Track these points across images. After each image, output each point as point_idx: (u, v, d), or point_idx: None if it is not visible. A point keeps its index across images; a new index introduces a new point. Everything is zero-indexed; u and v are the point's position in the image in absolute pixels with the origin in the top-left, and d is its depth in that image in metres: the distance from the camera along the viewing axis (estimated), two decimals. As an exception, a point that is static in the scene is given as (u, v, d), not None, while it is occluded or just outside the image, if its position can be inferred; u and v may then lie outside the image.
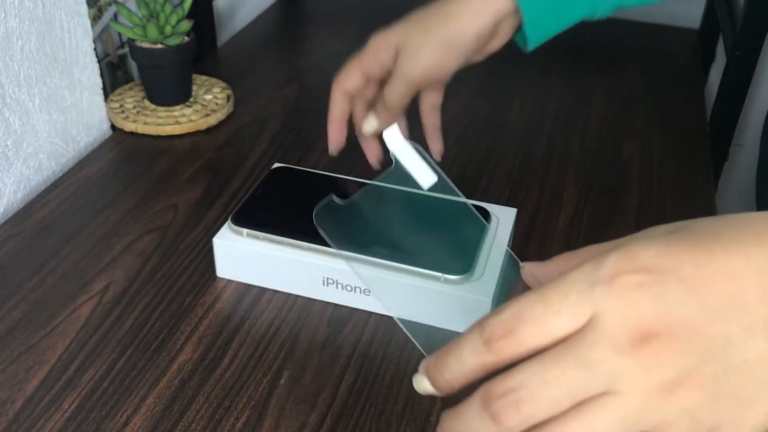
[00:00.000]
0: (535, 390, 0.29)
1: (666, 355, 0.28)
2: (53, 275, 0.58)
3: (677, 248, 0.29)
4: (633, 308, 0.28)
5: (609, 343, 0.28)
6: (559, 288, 0.30)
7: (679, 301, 0.28)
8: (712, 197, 0.71)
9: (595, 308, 0.29)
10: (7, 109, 0.65)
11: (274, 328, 0.54)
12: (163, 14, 0.74)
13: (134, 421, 0.47)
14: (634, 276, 0.29)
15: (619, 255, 0.29)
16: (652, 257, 0.29)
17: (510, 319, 0.30)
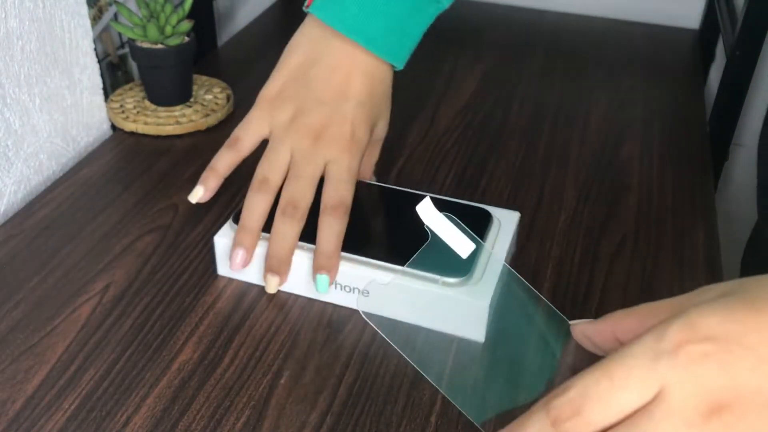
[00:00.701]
0: None
1: (740, 426, 0.27)
2: (53, 275, 0.58)
3: (739, 314, 0.28)
4: (701, 380, 0.28)
5: (679, 418, 0.28)
6: (624, 362, 0.29)
7: (748, 369, 0.27)
8: (712, 197, 0.71)
9: (662, 381, 0.28)
10: (8, 109, 0.65)
11: (274, 328, 0.54)
12: (163, 14, 0.74)
13: (134, 420, 0.47)
14: (699, 346, 0.28)
15: (681, 325, 0.29)
16: (714, 325, 0.28)
17: (577, 397, 0.29)
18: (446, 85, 0.89)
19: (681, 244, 0.64)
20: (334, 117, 0.57)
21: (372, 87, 0.59)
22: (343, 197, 0.55)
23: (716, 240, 0.65)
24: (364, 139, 0.57)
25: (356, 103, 0.57)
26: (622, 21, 1.07)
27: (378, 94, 0.59)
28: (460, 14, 1.08)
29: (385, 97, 0.61)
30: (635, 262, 0.62)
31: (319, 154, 0.56)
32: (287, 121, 0.57)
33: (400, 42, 0.59)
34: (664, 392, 0.28)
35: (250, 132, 0.58)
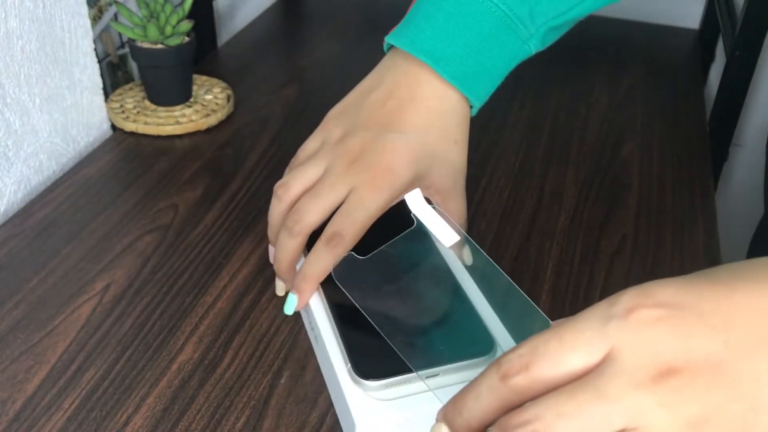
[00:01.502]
0: (551, 422, 0.28)
1: (688, 391, 0.27)
2: (53, 275, 0.58)
3: (696, 285, 0.29)
4: (651, 343, 0.28)
5: (627, 377, 0.28)
6: (574, 325, 0.29)
7: (700, 335, 0.28)
8: (712, 197, 0.71)
9: (612, 343, 0.28)
10: (8, 109, 0.65)
11: (274, 328, 0.54)
12: (163, 14, 0.74)
13: (134, 420, 0.47)
14: (652, 310, 0.28)
15: (636, 291, 0.29)
16: (669, 294, 0.29)
17: (526, 353, 0.30)
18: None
19: (681, 244, 0.64)
20: (374, 145, 0.51)
21: (430, 120, 0.52)
22: (343, 230, 0.49)
23: (716, 240, 0.65)
24: (403, 175, 0.50)
25: (403, 135, 0.51)
26: (622, 21, 1.07)
27: (438, 129, 0.52)
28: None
29: (448, 137, 0.53)
30: (635, 262, 0.62)
31: (346, 180, 0.51)
32: (334, 140, 0.54)
33: (474, 72, 0.52)
34: (614, 353, 0.28)
35: (305, 149, 0.56)
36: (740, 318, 0.28)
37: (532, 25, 0.53)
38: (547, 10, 0.53)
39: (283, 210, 0.52)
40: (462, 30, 0.52)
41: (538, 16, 0.53)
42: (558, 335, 0.29)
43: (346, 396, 0.45)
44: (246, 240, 0.62)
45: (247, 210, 0.66)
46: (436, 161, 0.52)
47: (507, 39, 0.53)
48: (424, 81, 0.52)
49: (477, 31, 0.52)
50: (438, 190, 0.53)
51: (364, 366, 0.45)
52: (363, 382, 0.45)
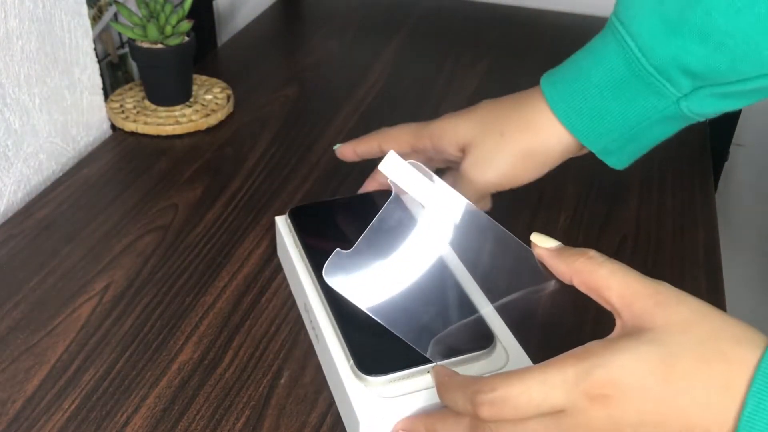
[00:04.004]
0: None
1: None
2: (53, 275, 0.58)
3: (650, 381, 0.33)
4: (592, 421, 0.34)
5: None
6: (546, 390, 0.35)
7: (631, 426, 0.33)
8: (712, 197, 0.71)
9: (565, 408, 0.34)
10: (8, 109, 0.65)
11: (274, 328, 0.54)
12: (163, 14, 0.74)
13: (134, 420, 0.47)
14: (604, 396, 0.34)
15: (600, 378, 0.34)
16: (624, 384, 0.33)
17: (497, 402, 0.36)
18: (446, 85, 0.89)
19: (681, 244, 0.64)
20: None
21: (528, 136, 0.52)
22: None
23: (716, 240, 0.65)
24: (423, 132, 0.55)
25: (461, 112, 0.55)
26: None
27: (525, 149, 0.52)
28: (460, 14, 1.08)
29: (513, 145, 0.52)
30: (635, 262, 0.61)
31: None
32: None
33: (587, 111, 0.51)
34: (564, 414, 0.35)
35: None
36: (670, 422, 0.33)
37: (683, 82, 0.46)
38: (715, 71, 0.45)
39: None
40: (589, 64, 0.50)
41: (697, 73, 0.45)
42: (528, 393, 0.35)
43: (349, 393, 0.44)
44: (246, 240, 0.62)
45: (247, 210, 0.66)
46: (481, 151, 0.53)
47: (637, 90, 0.48)
48: (546, 120, 0.53)
49: (600, 70, 0.49)
50: (469, 183, 0.54)
51: (366, 362, 0.45)
52: (366, 378, 0.45)
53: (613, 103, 0.49)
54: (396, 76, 0.90)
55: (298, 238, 0.55)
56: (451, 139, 0.53)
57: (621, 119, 0.49)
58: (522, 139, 0.51)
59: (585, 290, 0.39)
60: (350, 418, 0.45)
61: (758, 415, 0.31)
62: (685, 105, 0.47)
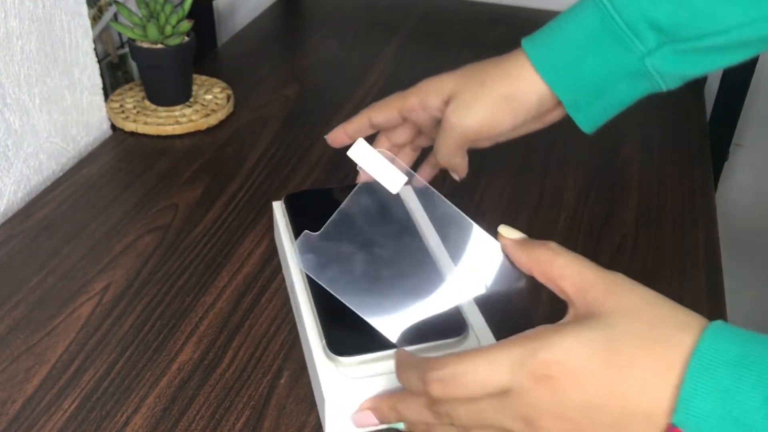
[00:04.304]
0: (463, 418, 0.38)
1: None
2: (53, 275, 0.58)
3: (594, 365, 0.34)
4: (536, 399, 0.35)
5: (509, 412, 0.36)
6: (493, 369, 0.36)
7: (574, 407, 0.34)
8: (712, 197, 0.71)
9: (510, 387, 0.36)
10: (8, 109, 0.65)
11: (274, 328, 0.54)
12: (163, 14, 0.74)
13: (134, 420, 0.47)
14: (549, 376, 0.35)
15: (545, 358, 0.35)
16: (569, 365, 0.34)
17: (448, 377, 0.37)
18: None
19: (681, 244, 0.64)
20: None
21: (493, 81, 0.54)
22: None
23: (716, 240, 0.65)
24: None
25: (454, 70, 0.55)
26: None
27: (490, 82, 0.54)
28: (460, 14, 1.08)
29: (492, 92, 0.54)
30: (635, 262, 0.62)
31: None
32: None
33: (564, 65, 0.53)
34: (508, 393, 0.36)
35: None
36: (612, 403, 0.34)
37: (649, 37, 0.50)
38: (677, 24, 0.49)
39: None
40: (567, 22, 0.52)
41: (663, 27, 0.49)
42: (475, 371, 0.36)
43: (319, 371, 0.46)
44: (246, 240, 0.62)
45: (247, 210, 0.66)
46: (463, 99, 0.54)
47: (608, 45, 0.51)
48: (527, 71, 0.54)
49: (576, 26, 0.52)
50: (447, 125, 0.54)
51: (337, 343, 0.46)
52: (336, 358, 0.46)
53: (586, 57, 0.52)
54: (396, 76, 0.90)
55: (291, 223, 0.57)
56: (437, 91, 0.55)
57: (591, 73, 0.52)
58: (501, 86, 0.54)
59: (543, 280, 0.41)
60: (319, 395, 0.46)
61: (695, 395, 0.32)
62: (649, 62, 0.51)
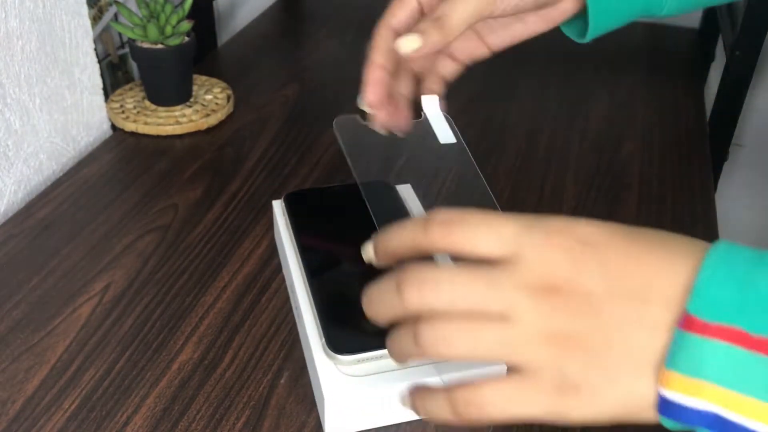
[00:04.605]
0: (441, 283, 0.33)
1: (560, 309, 0.32)
2: (53, 275, 0.58)
3: (616, 237, 0.33)
4: (551, 263, 0.32)
5: (520, 279, 0.32)
6: (503, 219, 0.33)
7: (593, 273, 0.32)
8: (712, 197, 0.71)
9: (521, 249, 0.33)
10: (8, 109, 0.65)
11: (274, 328, 0.54)
12: (163, 14, 0.74)
13: (134, 420, 0.47)
14: (566, 240, 0.32)
15: (565, 223, 0.33)
16: (589, 233, 0.33)
17: (455, 215, 0.34)
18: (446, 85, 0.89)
19: (681, 244, 0.64)
20: None
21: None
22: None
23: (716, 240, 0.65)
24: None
25: None
26: (622, 21, 1.07)
27: None
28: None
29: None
30: (635, 262, 0.62)
31: None
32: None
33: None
34: (518, 257, 0.32)
35: None
36: (633, 273, 0.32)
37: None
38: None
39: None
40: None
41: None
42: (486, 217, 0.34)
43: (318, 370, 0.46)
44: (246, 240, 0.62)
45: (247, 210, 0.66)
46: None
47: None
48: None
49: None
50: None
51: (337, 341, 0.46)
52: (335, 357, 0.46)
53: None
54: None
55: (290, 222, 0.57)
56: None
57: None
58: None
59: None
60: (318, 394, 0.46)
61: (712, 282, 0.30)
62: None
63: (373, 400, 0.45)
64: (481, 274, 0.33)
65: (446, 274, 0.33)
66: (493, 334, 0.32)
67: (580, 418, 0.32)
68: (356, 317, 0.46)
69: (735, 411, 0.29)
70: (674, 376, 0.30)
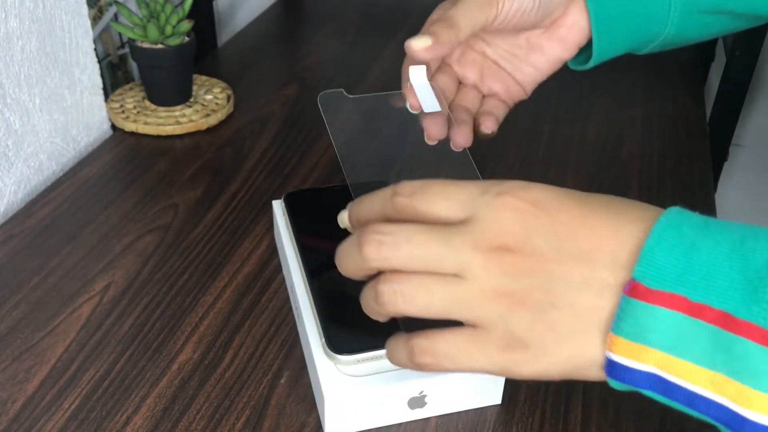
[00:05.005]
0: (399, 241, 0.35)
1: (509, 268, 0.33)
2: (53, 275, 0.58)
3: (568, 199, 0.34)
4: (503, 223, 0.34)
5: (473, 239, 0.34)
6: (459, 185, 0.36)
7: (542, 235, 0.33)
8: (712, 197, 0.71)
9: (476, 211, 0.34)
10: (8, 109, 0.65)
11: (274, 328, 0.54)
12: (163, 14, 0.74)
13: (134, 420, 0.47)
14: (519, 202, 0.34)
15: (519, 184, 0.35)
16: (542, 196, 0.34)
17: (417, 187, 0.36)
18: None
19: (681, 244, 0.64)
20: None
21: None
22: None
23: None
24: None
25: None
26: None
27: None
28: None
29: None
30: (635, 262, 0.62)
31: None
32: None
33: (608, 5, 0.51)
34: (473, 219, 0.34)
35: None
36: (580, 234, 0.33)
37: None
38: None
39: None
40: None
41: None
42: (444, 186, 0.36)
43: (318, 370, 0.46)
44: (246, 240, 0.62)
45: (247, 210, 0.66)
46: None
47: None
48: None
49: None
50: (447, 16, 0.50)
51: (337, 341, 0.46)
52: (335, 357, 0.46)
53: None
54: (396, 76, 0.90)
55: (290, 222, 0.57)
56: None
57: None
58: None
59: None
60: (318, 394, 0.46)
61: (658, 248, 0.31)
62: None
63: (373, 400, 0.45)
64: (436, 235, 0.34)
65: (404, 233, 0.35)
66: (447, 291, 0.34)
67: (528, 373, 0.34)
68: (356, 317, 0.46)
69: (675, 375, 0.31)
70: (619, 341, 0.31)
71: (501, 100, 0.55)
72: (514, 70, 0.54)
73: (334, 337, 0.47)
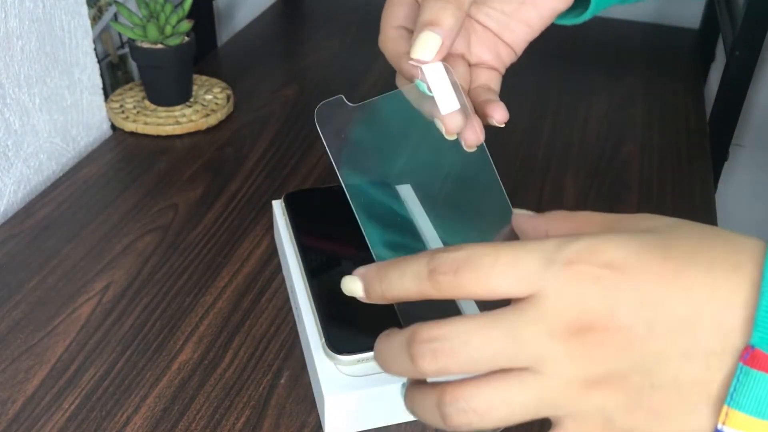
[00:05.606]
0: (456, 347, 0.29)
1: (598, 352, 0.28)
2: (53, 275, 0.58)
3: (648, 256, 0.28)
4: (580, 298, 0.28)
5: (545, 326, 0.28)
6: (515, 251, 0.29)
7: (628, 306, 0.28)
8: (712, 197, 0.71)
9: (543, 286, 0.28)
10: (8, 109, 0.65)
11: (274, 328, 0.54)
12: (163, 14, 0.74)
13: (134, 420, 0.47)
14: (594, 269, 0.28)
15: (588, 244, 0.29)
16: (619, 257, 0.28)
17: (460, 259, 0.30)
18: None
19: (681, 244, 0.64)
20: None
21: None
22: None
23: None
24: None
25: None
26: (622, 21, 1.07)
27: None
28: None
29: None
30: (635, 262, 0.62)
31: None
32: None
33: None
34: (540, 296, 0.28)
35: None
36: (673, 302, 0.28)
37: None
38: None
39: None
40: None
41: None
42: (496, 254, 0.29)
43: (318, 369, 0.46)
44: (246, 240, 0.62)
45: (247, 210, 0.66)
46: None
47: None
48: None
49: None
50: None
51: (337, 341, 0.46)
52: (335, 357, 0.46)
53: None
54: (396, 76, 0.90)
55: (290, 222, 0.57)
56: None
57: None
58: None
59: (566, 231, 0.33)
60: (318, 394, 0.46)
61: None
62: None
63: (373, 400, 0.45)
64: (499, 328, 0.29)
65: (460, 335, 0.29)
66: (527, 394, 0.29)
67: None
68: (356, 317, 0.46)
69: None
70: (736, 415, 0.27)
71: (491, 67, 0.49)
72: (501, 29, 0.49)
73: (334, 337, 0.47)
